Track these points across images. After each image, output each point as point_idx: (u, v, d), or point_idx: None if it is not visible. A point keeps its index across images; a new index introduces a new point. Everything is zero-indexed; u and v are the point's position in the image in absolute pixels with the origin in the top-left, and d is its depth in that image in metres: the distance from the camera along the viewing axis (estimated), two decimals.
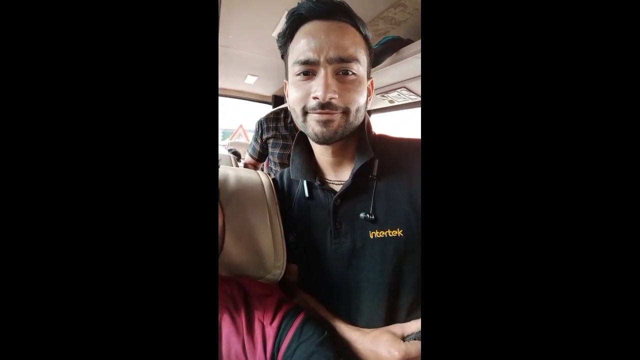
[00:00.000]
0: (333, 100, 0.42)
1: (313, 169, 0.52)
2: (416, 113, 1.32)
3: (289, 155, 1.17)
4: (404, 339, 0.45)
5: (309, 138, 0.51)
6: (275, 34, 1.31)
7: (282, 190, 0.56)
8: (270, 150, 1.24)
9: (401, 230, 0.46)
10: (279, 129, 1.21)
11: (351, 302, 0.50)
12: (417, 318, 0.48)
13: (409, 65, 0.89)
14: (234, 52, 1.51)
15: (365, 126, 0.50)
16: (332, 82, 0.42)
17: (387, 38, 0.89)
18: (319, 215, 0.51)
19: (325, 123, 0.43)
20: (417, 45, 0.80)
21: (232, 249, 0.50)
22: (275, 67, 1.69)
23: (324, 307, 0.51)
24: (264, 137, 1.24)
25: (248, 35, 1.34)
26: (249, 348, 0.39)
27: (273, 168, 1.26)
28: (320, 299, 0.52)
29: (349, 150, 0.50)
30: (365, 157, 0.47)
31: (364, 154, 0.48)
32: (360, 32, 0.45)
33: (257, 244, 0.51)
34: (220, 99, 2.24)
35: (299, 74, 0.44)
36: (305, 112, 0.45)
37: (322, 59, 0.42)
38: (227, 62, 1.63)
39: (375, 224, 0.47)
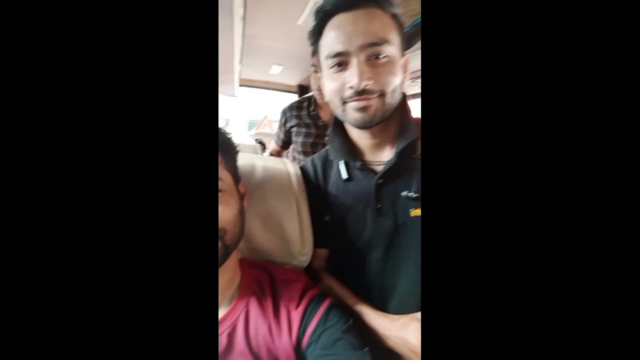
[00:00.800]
0: (368, 86, 0.43)
1: (352, 150, 0.53)
2: None
3: (312, 143, 1.18)
4: None
5: (348, 124, 0.51)
6: (301, 21, 1.30)
7: (315, 174, 0.58)
8: (293, 138, 1.25)
9: None
10: (302, 118, 1.21)
11: (384, 284, 0.51)
12: None
13: None
14: (259, 42, 1.51)
15: (405, 107, 0.51)
16: (365, 69, 0.43)
17: (418, 20, 0.85)
18: (359, 195, 0.52)
19: (363, 109, 0.45)
20: None
21: (259, 236, 0.51)
22: (301, 57, 1.68)
23: (351, 292, 0.52)
24: (288, 125, 1.25)
25: (273, 25, 1.34)
26: (275, 331, 0.40)
27: (297, 157, 1.27)
28: (350, 282, 0.53)
29: (389, 131, 0.51)
30: (409, 137, 0.48)
31: (408, 134, 0.49)
32: (388, 12, 0.45)
33: (284, 231, 0.52)
34: (245, 89, 2.28)
35: (332, 67, 0.45)
36: (343, 102, 0.46)
37: (352, 49, 0.43)
38: (252, 52, 1.64)
39: (416, 202, 0.48)
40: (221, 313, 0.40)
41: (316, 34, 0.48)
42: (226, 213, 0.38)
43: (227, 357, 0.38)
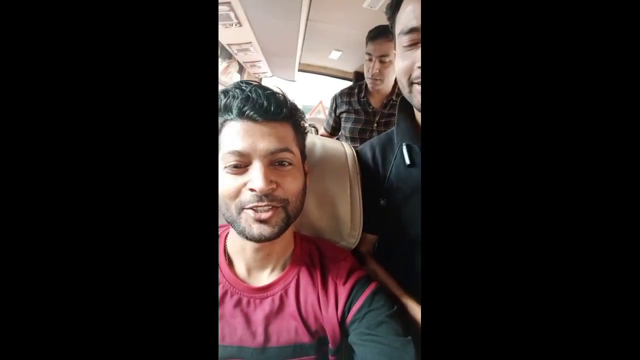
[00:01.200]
0: None
1: (418, 135, 0.51)
2: None
3: (360, 129, 1.17)
4: None
5: (414, 108, 0.50)
6: (366, 4, 1.26)
7: (373, 157, 0.56)
8: (342, 124, 1.26)
9: None
10: (352, 104, 1.21)
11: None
12: None
13: None
14: (323, 26, 1.51)
15: None
16: None
17: None
18: (420, 183, 0.50)
19: None
20: None
21: (313, 212, 0.53)
22: (361, 42, 1.64)
23: (396, 282, 0.52)
24: (338, 111, 1.26)
25: (338, 8, 1.32)
26: (322, 301, 0.42)
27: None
28: (397, 272, 0.53)
29: None
30: None
31: None
32: None
33: (336, 210, 0.54)
34: (300, 74, 2.31)
35: (406, 45, 0.43)
36: (410, 83, 0.45)
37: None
38: (314, 36, 1.65)
39: None
40: (274, 277, 0.44)
41: (394, 7, 0.45)
42: (293, 186, 0.40)
43: (279, 316, 0.42)
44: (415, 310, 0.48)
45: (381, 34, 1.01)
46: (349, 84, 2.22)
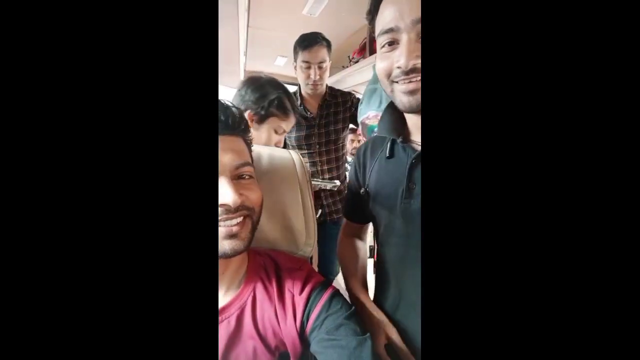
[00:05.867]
0: (417, 65, 0.41)
1: (399, 128, 0.52)
2: None
3: (305, 136, 1.16)
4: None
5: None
6: (305, 11, 1.28)
7: (365, 151, 0.59)
8: (287, 135, 1.24)
9: None
10: None
11: (402, 274, 0.51)
12: None
13: None
14: (264, 33, 1.50)
15: None
16: (414, 47, 0.41)
17: None
18: (395, 173, 0.51)
19: (411, 92, 0.43)
20: None
21: (265, 225, 0.52)
22: None
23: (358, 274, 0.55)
24: None
25: (278, 15, 1.33)
26: (280, 315, 0.41)
27: None
28: (379, 262, 0.56)
29: None
30: None
31: None
32: None
33: (289, 220, 0.53)
34: None
35: (383, 46, 0.44)
36: (391, 82, 0.45)
37: (403, 25, 0.41)
38: (257, 43, 1.63)
39: None
40: (230, 297, 0.42)
41: (373, 12, 0.46)
42: (256, 196, 0.41)
43: (236, 338, 0.40)
44: (368, 303, 0.52)
45: (316, 41, 1.04)
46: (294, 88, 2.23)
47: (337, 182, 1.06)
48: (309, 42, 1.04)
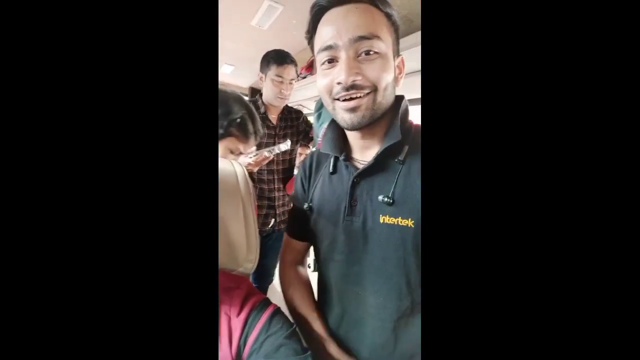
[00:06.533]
0: (357, 82, 0.42)
1: (341, 146, 0.53)
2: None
3: (265, 144, 1.17)
4: None
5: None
6: (254, 23, 1.28)
7: (310, 165, 0.60)
8: None
9: (412, 221, 0.44)
10: None
11: (345, 290, 0.50)
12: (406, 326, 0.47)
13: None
14: None
15: (399, 110, 0.49)
16: (353, 64, 0.42)
17: None
18: (338, 190, 0.52)
19: (352, 110, 0.44)
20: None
21: None
22: (253, 59, 1.65)
23: (307, 290, 0.55)
24: None
25: (226, 24, 1.29)
26: None
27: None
28: (320, 280, 0.55)
29: (378, 134, 0.50)
30: (392, 140, 0.47)
31: (392, 137, 0.47)
32: (381, 10, 0.44)
33: (229, 236, 0.50)
34: None
35: (323, 63, 0.45)
36: (333, 100, 0.45)
37: (341, 42, 0.42)
38: None
39: (390, 208, 0.46)
40: None
41: (311, 31, 0.47)
42: None
43: None
44: (317, 322, 0.51)
45: (287, 59, 1.12)
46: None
47: (288, 142, 1.09)
48: (283, 59, 1.12)
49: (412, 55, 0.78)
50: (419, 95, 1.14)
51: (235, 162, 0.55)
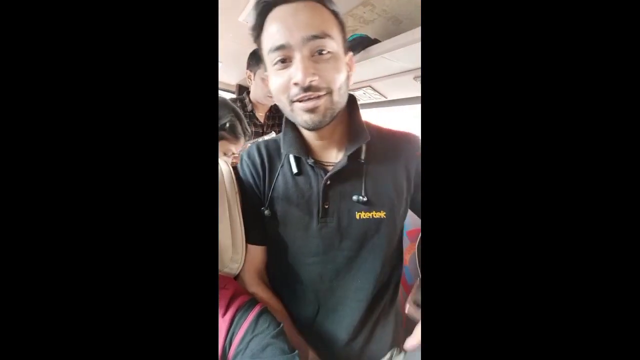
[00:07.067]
0: (314, 83, 0.41)
1: (304, 147, 0.51)
2: (380, 112, 1.36)
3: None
4: None
5: (298, 126, 0.50)
6: (241, 18, 1.25)
7: (261, 161, 0.53)
8: None
9: (384, 212, 0.49)
10: None
11: (321, 289, 0.50)
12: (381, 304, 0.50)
13: (375, 65, 0.91)
14: None
15: (354, 108, 0.50)
16: (309, 64, 0.41)
17: (355, 35, 0.90)
18: (307, 193, 0.50)
19: (312, 110, 0.43)
20: (383, 46, 0.82)
21: None
22: (240, 55, 1.62)
23: (279, 300, 0.52)
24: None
25: None
26: None
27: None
28: (284, 285, 0.52)
29: (337, 133, 0.50)
30: (361, 140, 0.49)
31: (360, 137, 0.49)
32: (328, 8, 0.44)
33: None
34: None
35: (276, 63, 0.43)
36: (290, 102, 0.44)
37: (294, 42, 0.41)
38: None
39: (364, 205, 0.49)
40: None
41: (257, 28, 0.45)
42: None
43: None
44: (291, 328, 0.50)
45: None
46: (232, 96, 2.15)
47: (272, 133, 1.11)
48: None
49: (401, 55, 0.79)
50: (409, 95, 1.15)
51: (221, 161, 0.54)
